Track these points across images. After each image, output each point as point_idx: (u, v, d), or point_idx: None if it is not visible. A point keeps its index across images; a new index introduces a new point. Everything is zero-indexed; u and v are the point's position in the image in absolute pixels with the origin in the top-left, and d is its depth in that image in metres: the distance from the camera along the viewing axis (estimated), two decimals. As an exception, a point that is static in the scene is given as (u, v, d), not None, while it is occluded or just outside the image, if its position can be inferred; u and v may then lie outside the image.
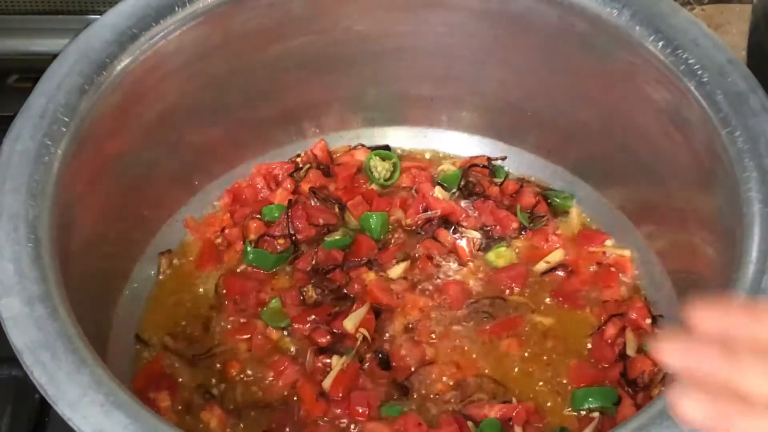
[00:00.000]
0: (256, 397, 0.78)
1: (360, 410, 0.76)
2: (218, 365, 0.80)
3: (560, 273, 0.86)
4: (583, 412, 0.77)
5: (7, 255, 0.61)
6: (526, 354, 0.81)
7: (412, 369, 0.80)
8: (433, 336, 0.82)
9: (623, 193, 0.88)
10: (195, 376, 0.79)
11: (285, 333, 0.82)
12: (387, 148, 0.95)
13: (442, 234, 0.88)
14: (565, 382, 0.79)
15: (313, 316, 0.82)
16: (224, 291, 0.85)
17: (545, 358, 0.81)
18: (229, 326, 0.83)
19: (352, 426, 0.76)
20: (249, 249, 0.86)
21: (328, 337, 0.80)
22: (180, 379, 0.79)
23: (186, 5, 0.75)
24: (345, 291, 0.84)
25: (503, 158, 0.93)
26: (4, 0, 0.98)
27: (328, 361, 0.79)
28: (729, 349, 0.48)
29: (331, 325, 0.81)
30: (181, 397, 0.78)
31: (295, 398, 0.78)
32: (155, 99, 0.78)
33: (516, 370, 0.80)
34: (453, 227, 0.89)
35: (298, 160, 0.93)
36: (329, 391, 0.77)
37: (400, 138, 0.96)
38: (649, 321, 0.81)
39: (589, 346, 0.81)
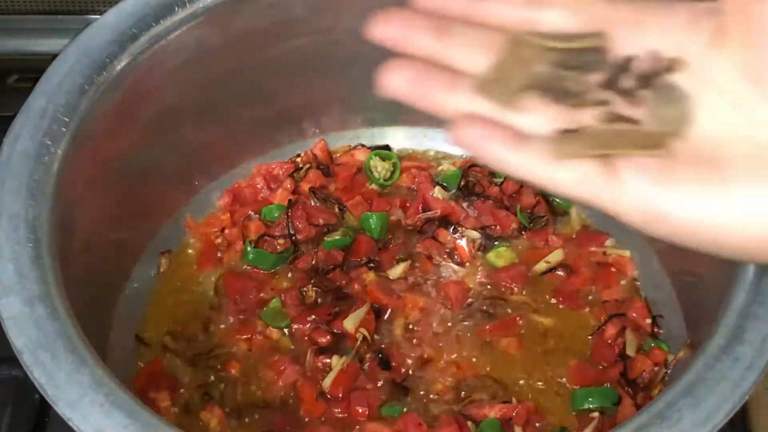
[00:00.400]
0: (256, 397, 0.78)
1: (360, 410, 0.76)
2: (218, 365, 0.80)
3: (560, 273, 0.86)
4: (583, 413, 0.77)
5: (7, 255, 0.61)
6: (526, 354, 0.81)
7: (412, 369, 0.80)
8: (433, 336, 0.82)
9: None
10: (195, 376, 0.79)
11: (285, 333, 0.82)
12: (387, 148, 0.95)
13: (442, 234, 0.88)
14: (565, 382, 0.79)
15: (313, 316, 0.82)
16: (224, 291, 0.85)
17: (545, 358, 0.81)
18: (229, 326, 0.83)
19: (352, 426, 0.76)
20: (249, 249, 0.86)
21: (328, 337, 0.80)
22: (180, 379, 0.79)
23: (186, 5, 0.75)
24: (345, 291, 0.84)
25: (503, 158, 0.93)
26: (4, 0, 0.98)
27: (328, 361, 0.79)
28: (443, 26, 0.48)
29: (331, 325, 0.81)
30: (181, 397, 0.78)
31: (295, 398, 0.78)
32: (155, 99, 0.78)
33: (516, 370, 0.80)
34: (453, 227, 0.89)
35: (298, 160, 0.93)
36: (329, 391, 0.77)
37: (400, 138, 0.96)
38: (649, 321, 0.81)
39: (590, 346, 0.81)
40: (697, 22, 0.48)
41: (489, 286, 0.85)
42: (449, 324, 0.83)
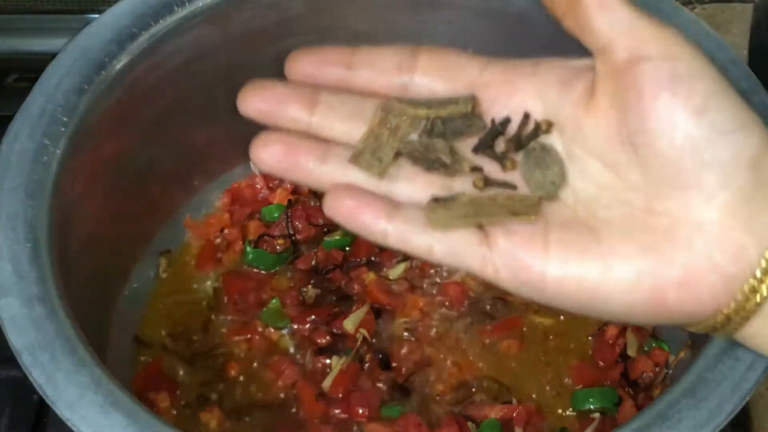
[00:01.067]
0: (255, 398, 0.78)
1: (360, 410, 0.76)
2: (217, 366, 0.80)
3: (561, 273, 0.86)
4: (583, 413, 0.77)
5: (5, 255, 0.61)
6: (526, 354, 0.81)
7: (413, 369, 0.80)
8: (434, 336, 0.82)
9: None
10: (194, 377, 0.79)
11: (285, 333, 0.82)
12: (387, 147, 0.95)
13: (443, 234, 0.88)
14: (565, 382, 0.79)
15: (313, 316, 0.81)
16: (224, 291, 0.85)
17: (546, 358, 0.81)
18: (228, 326, 0.82)
19: (352, 426, 0.76)
20: (249, 249, 0.86)
21: (328, 337, 0.80)
22: (179, 380, 0.79)
23: (185, 5, 0.75)
24: (345, 291, 0.84)
25: (504, 158, 0.93)
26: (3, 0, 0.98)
27: (328, 361, 0.79)
28: (314, 96, 0.48)
29: (331, 325, 0.81)
30: (181, 398, 0.78)
31: (295, 399, 0.78)
32: (154, 98, 0.78)
33: (516, 370, 0.80)
34: (453, 227, 0.88)
35: (298, 159, 0.93)
36: (329, 392, 0.77)
37: (400, 137, 0.96)
38: (649, 321, 0.81)
39: (590, 346, 0.81)
40: (570, 82, 0.47)
41: (489, 287, 0.85)
42: (449, 324, 0.83)
